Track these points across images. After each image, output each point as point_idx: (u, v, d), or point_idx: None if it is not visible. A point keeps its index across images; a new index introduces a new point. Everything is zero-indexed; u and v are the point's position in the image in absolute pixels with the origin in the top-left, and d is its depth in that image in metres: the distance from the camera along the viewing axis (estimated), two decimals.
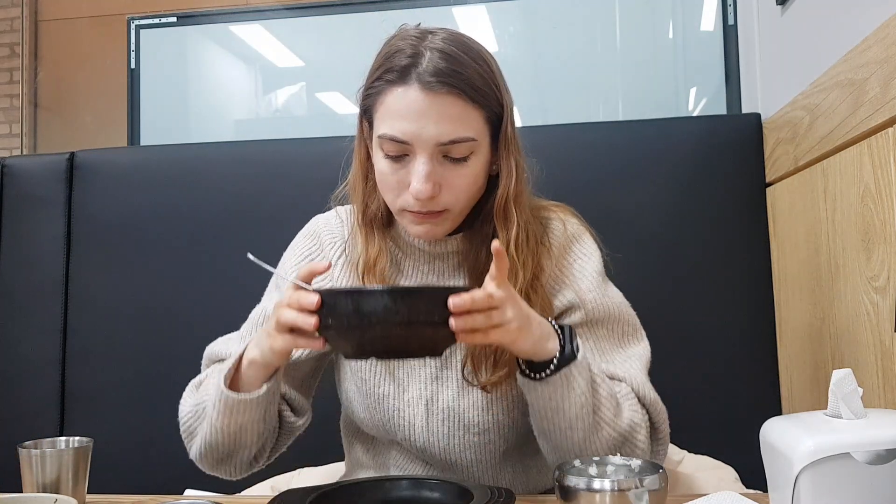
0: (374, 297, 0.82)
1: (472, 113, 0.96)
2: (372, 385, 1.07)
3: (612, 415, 0.95)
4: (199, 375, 1.10)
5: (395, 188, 0.98)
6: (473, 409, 1.04)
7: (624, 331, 1.06)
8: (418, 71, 0.93)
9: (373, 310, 0.81)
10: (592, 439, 0.94)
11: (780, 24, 1.41)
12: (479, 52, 0.99)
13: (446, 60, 0.94)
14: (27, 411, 1.57)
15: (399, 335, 0.82)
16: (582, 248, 1.09)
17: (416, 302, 0.82)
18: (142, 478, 1.53)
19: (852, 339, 1.08)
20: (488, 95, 0.97)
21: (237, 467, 1.04)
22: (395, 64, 0.95)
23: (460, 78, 0.94)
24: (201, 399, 1.02)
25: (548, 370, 0.91)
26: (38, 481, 0.94)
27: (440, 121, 0.94)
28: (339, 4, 2.14)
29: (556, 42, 2.12)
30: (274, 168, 1.58)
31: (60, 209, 1.62)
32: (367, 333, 0.82)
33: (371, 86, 0.98)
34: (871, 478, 0.67)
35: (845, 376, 0.73)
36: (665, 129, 1.53)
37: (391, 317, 0.81)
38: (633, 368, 1.03)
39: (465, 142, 0.95)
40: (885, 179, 0.95)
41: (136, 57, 2.23)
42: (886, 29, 0.94)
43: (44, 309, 1.60)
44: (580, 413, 0.92)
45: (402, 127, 0.94)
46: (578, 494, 0.76)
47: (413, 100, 0.93)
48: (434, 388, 1.05)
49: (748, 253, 1.45)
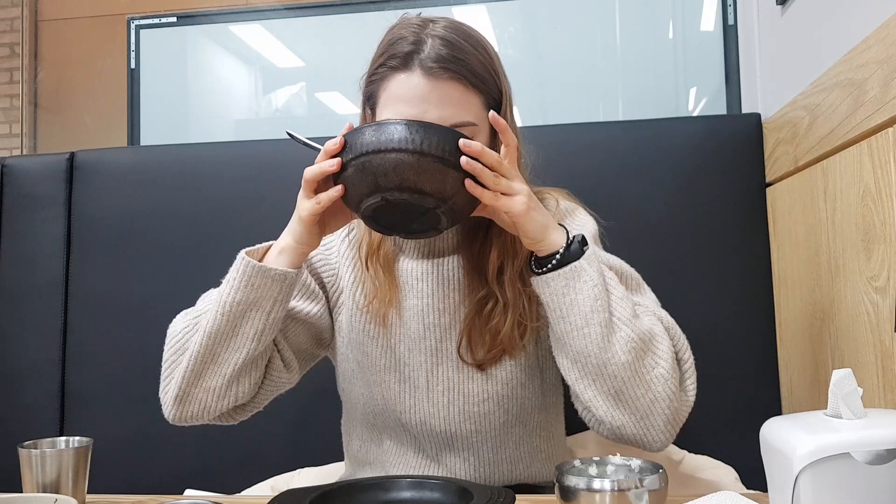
0: (392, 126, 0.89)
1: (473, 98, 0.99)
2: (373, 358, 1.09)
3: (628, 314, 0.95)
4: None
5: None
6: (472, 381, 1.07)
7: (628, 284, 1.07)
8: (420, 57, 0.97)
9: (390, 137, 0.88)
10: (610, 339, 0.93)
11: (780, 24, 1.41)
12: (479, 40, 1.02)
13: (447, 47, 0.97)
14: (27, 411, 1.57)
15: (412, 164, 0.88)
16: (576, 219, 1.12)
17: (430, 133, 0.89)
18: (142, 478, 1.53)
19: (852, 339, 1.08)
20: (488, 81, 1.00)
21: (216, 394, 0.99)
22: (398, 51, 0.98)
23: (461, 64, 0.97)
24: (201, 310, 1.02)
25: (556, 259, 0.95)
26: (38, 481, 0.94)
27: (441, 105, 0.97)
28: (339, 4, 2.14)
29: (556, 42, 2.12)
30: (274, 168, 1.58)
31: (60, 209, 1.62)
32: (384, 163, 0.88)
33: (374, 72, 1.01)
34: (871, 478, 0.67)
35: (845, 376, 0.73)
36: (665, 129, 1.53)
37: (406, 144, 0.88)
38: (645, 302, 1.04)
39: (465, 126, 0.98)
40: (885, 179, 0.95)
41: (136, 57, 2.23)
42: (886, 29, 0.94)
43: (44, 309, 1.60)
44: (595, 306, 0.93)
45: (404, 111, 0.97)
46: (578, 494, 0.76)
47: (415, 85, 0.97)
48: (434, 360, 1.07)
49: (748, 253, 1.45)
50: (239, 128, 2.45)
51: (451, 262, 1.09)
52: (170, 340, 1.03)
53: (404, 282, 1.09)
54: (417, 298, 1.08)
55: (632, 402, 0.94)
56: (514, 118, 1.07)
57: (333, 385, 1.20)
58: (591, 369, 0.94)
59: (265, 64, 2.41)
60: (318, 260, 1.14)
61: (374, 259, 1.09)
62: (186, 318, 1.04)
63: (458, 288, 1.08)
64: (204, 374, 0.98)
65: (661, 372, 0.95)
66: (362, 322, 1.10)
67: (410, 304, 1.09)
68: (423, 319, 1.08)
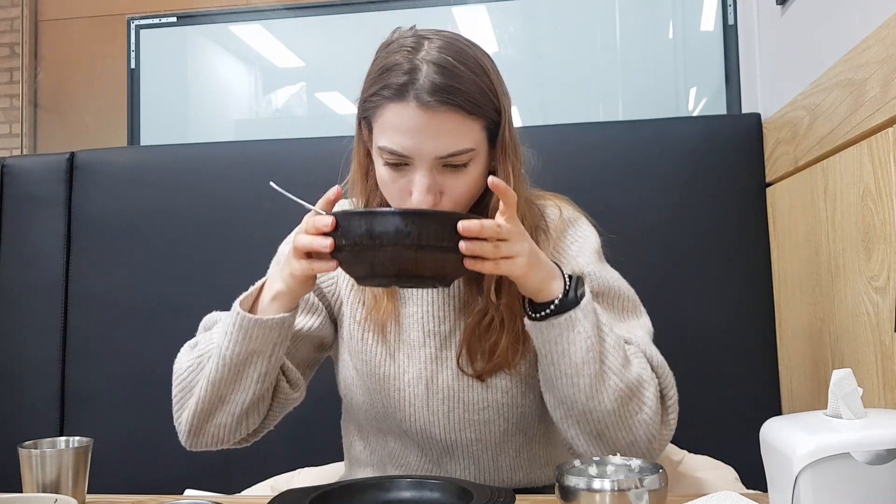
0: (387, 218, 0.84)
1: (471, 125, 0.97)
2: (373, 366, 1.08)
3: (619, 364, 0.95)
4: (194, 338, 1.09)
5: (396, 195, 1.00)
6: (472, 389, 1.06)
7: (624, 306, 1.07)
8: (415, 88, 0.94)
9: (384, 230, 0.84)
10: (599, 389, 0.94)
11: (780, 24, 1.41)
12: (476, 59, 0.99)
13: (442, 75, 0.94)
14: (27, 411, 1.57)
15: (410, 257, 0.84)
16: (578, 230, 1.11)
17: (426, 224, 0.85)
18: (142, 478, 1.53)
19: (852, 339, 1.08)
20: (486, 106, 0.98)
21: (227, 429, 1.01)
22: (392, 81, 0.95)
23: (457, 93, 0.94)
24: (204, 350, 1.02)
25: (550, 308, 0.93)
26: (38, 481, 0.94)
27: (438, 136, 0.95)
28: (339, 4, 2.14)
29: (556, 42, 2.12)
30: (274, 168, 1.58)
31: (60, 209, 1.62)
32: (379, 255, 0.85)
33: (368, 99, 0.99)
34: (871, 478, 0.67)
35: (845, 376, 0.73)
36: (665, 129, 1.53)
37: (402, 238, 0.83)
38: (638, 335, 1.04)
39: (463, 153, 0.96)
40: (885, 179, 0.95)
41: (136, 57, 2.23)
42: (886, 29, 0.94)
43: (44, 309, 1.60)
44: (586, 358, 0.93)
45: (401, 142, 0.95)
46: (578, 494, 0.76)
47: (411, 117, 0.94)
48: (434, 368, 1.07)
49: (748, 253, 1.45)
50: (239, 128, 2.46)
51: None
52: (176, 378, 1.04)
53: (403, 289, 1.09)
54: (417, 306, 1.08)
55: (612, 442, 0.97)
56: (513, 133, 1.04)
57: (334, 386, 1.20)
58: (576, 412, 0.96)
59: (265, 64, 2.41)
60: None
61: None
62: (191, 355, 1.04)
63: (458, 296, 1.08)
64: (213, 413, 1.00)
65: (644, 417, 0.97)
66: (361, 331, 1.10)
67: (410, 312, 1.08)
68: (422, 327, 1.07)
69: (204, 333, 1.08)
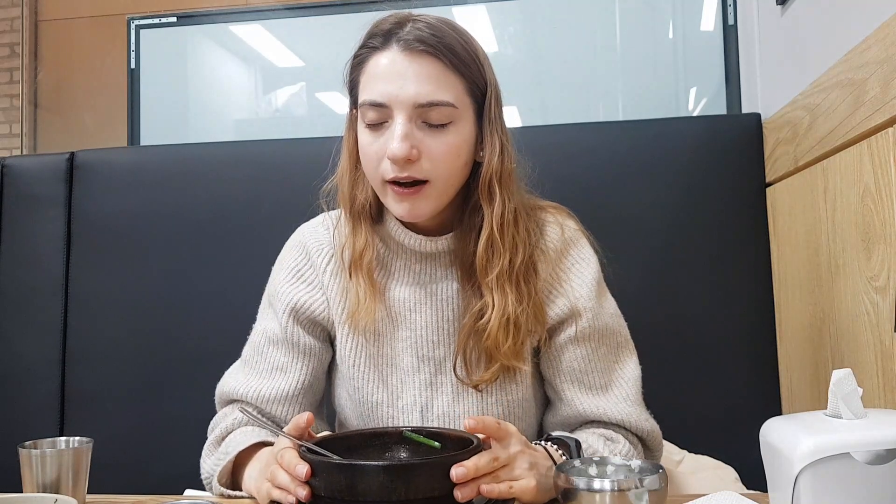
0: (370, 474, 0.75)
1: (452, 78, 0.97)
2: (365, 393, 1.06)
3: None
4: (215, 418, 1.13)
5: (374, 159, 0.99)
6: (468, 415, 1.04)
7: (618, 343, 1.08)
8: (399, 35, 0.97)
9: (368, 486, 0.75)
10: None
11: (780, 24, 1.41)
12: (464, 32, 1.01)
13: (429, 29, 0.97)
14: (27, 411, 1.57)
15: None
16: (579, 252, 1.09)
17: (415, 478, 0.76)
18: (142, 478, 1.52)
19: (852, 339, 1.08)
20: (469, 66, 0.99)
21: None
22: (379, 30, 0.98)
23: (441, 43, 0.96)
24: (223, 449, 1.05)
25: None
26: (38, 481, 0.94)
27: (418, 81, 0.95)
28: (339, 4, 2.14)
29: (556, 42, 2.12)
30: (274, 168, 1.58)
31: (60, 209, 1.62)
32: None
33: (356, 55, 1.01)
34: (871, 478, 0.67)
35: (845, 376, 0.73)
36: (665, 129, 1.53)
37: (388, 495, 0.74)
38: (626, 407, 1.04)
39: (443, 105, 0.96)
40: (885, 179, 0.95)
41: (136, 57, 2.23)
42: (886, 29, 0.94)
43: (44, 309, 1.60)
44: None
45: (381, 88, 0.96)
46: (578, 494, 0.76)
47: (393, 61, 0.96)
48: (429, 394, 1.05)
49: (748, 253, 1.45)
50: (239, 128, 2.45)
51: (445, 287, 1.06)
52: (203, 474, 1.08)
53: (397, 312, 1.06)
54: (410, 330, 1.06)
55: None
56: (500, 112, 1.03)
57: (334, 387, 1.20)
58: None
59: (265, 64, 2.41)
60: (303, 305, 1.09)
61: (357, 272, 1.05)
62: (214, 455, 1.07)
63: (455, 308, 1.05)
64: None
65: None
66: (352, 357, 1.07)
67: (403, 336, 1.06)
68: (416, 352, 1.05)
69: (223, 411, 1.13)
